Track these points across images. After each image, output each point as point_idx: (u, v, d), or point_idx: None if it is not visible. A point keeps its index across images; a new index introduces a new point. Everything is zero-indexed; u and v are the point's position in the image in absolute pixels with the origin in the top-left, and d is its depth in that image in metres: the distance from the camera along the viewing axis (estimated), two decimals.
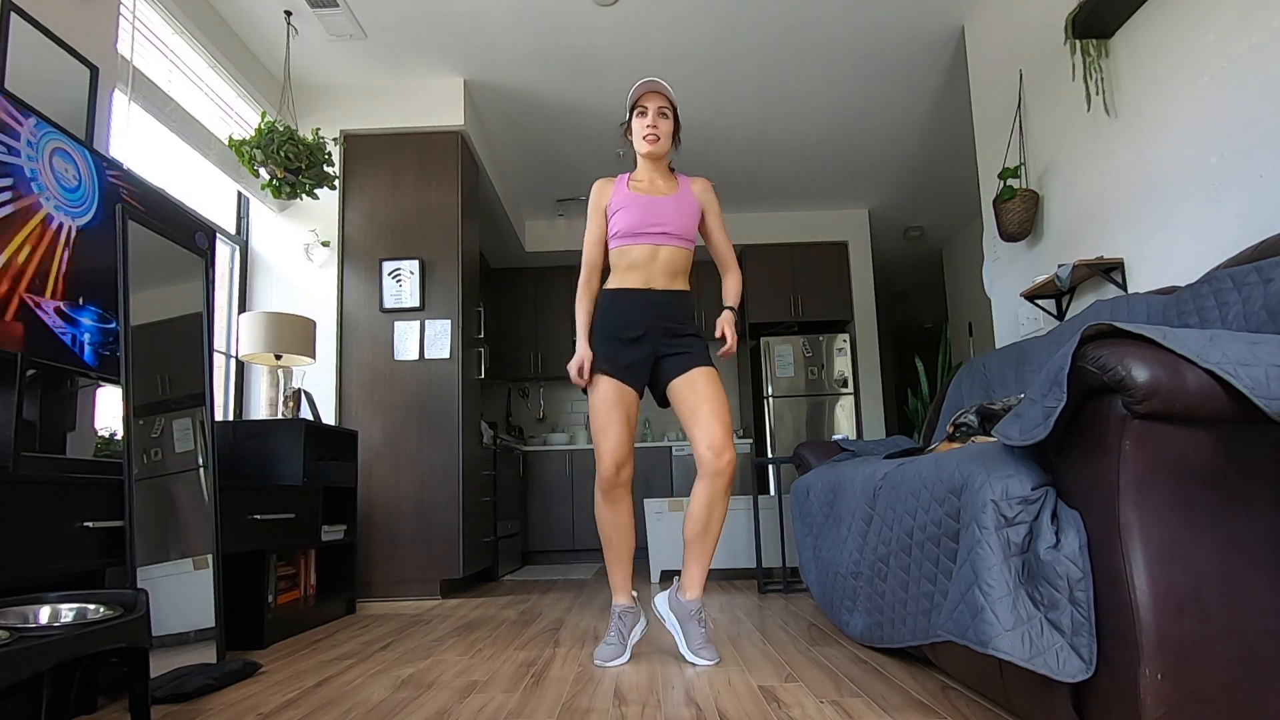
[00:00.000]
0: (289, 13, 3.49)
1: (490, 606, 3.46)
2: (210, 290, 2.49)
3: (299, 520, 2.88)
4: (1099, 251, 2.71)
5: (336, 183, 3.81)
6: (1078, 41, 2.65)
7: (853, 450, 3.15)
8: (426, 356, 3.95)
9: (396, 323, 3.99)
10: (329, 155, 3.37)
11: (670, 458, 5.88)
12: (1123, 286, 2.59)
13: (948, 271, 7.07)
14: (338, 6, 3.45)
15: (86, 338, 2.30)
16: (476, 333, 4.37)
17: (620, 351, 2.27)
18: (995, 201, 3.16)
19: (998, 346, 3.39)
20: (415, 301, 3.97)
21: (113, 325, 2.39)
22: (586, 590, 3.96)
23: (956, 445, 2.22)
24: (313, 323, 3.33)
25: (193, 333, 2.39)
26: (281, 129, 3.19)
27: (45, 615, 1.60)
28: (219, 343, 3.72)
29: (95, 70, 2.54)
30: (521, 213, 6.02)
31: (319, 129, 3.43)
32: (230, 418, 3.75)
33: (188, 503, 2.24)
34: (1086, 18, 2.56)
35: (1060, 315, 2.96)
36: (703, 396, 2.22)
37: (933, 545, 1.64)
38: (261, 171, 3.22)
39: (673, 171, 2.44)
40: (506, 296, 6.49)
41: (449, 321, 3.98)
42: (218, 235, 3.58)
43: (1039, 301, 3.00)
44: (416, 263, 3.98)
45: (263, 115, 3.30)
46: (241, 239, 3.95)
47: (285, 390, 3.27)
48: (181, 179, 3.39)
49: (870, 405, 6.01)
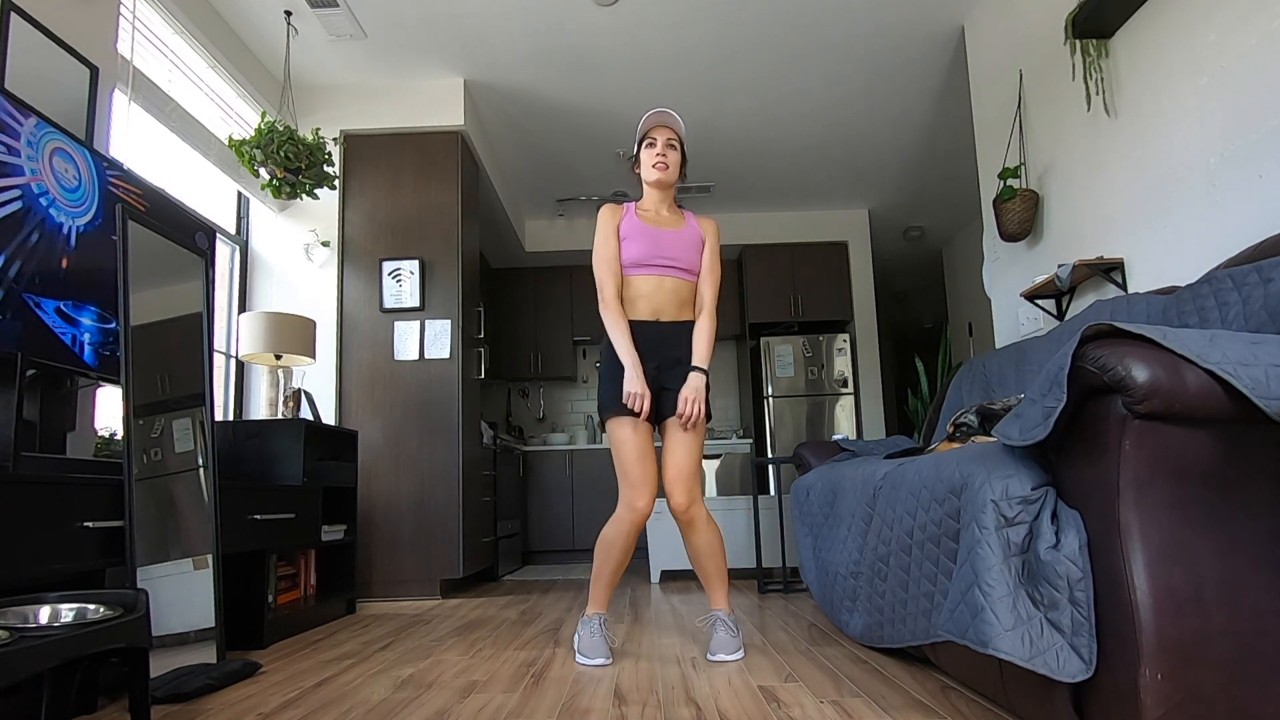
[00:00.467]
0: (289, 13, 3.49)
1: (490, 606, 3.46)
2: (210, 290, 2.49)
3: (299, 520, 2.88)
4: (1099, 251, 2.71)
5: (336, 183, 3.81)
6: (1078, 41, 2.65)
7: (853, 450, 3.15)
8: (426, 356, 3.95)
9: (396, 323, 3.99)
10: (329, 155, 3.37)
11: None
12: (1123, 286, 2.59)
13: (948, 271, 7.07)
14: (338, 6, 3.45)
15: (86, 338, 2.30)
16: (476, 333, 4.37)
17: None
18: (995, 201, 3.16)
19: (998, 346, 3.39)
20: (415, 301, 3.97)
21: (113, 325, 2.39)
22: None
23: (956, 445, 2.22)
24: (313, 323, 3.33)
25: (193, 333, 2.39)
26: (281, 129, 3.19)
27: (45, 615, 1.60)
28: (219, 343, 3.72)
29: (95, 70, 2.54)
30: (521, 213, 6.02)
31: (319, 129, 3.43)
32: (230, 418, 3.75)
33: (188, 503, 2.24)
34: (1086, 18, 2.56)
35: (1060, 315, 2.96)
36: (677, 441, 2.29)
37: (933, 545, 1.64)
38: (261, 171, 3.22)
39: (680, 207, 2.45)
40: (506, 296, 6.49)
41: (449, 321, 3.98)
42: (218, 235, 3.58)
43: (1039, 301, 3.00)
44: (416, 263, 3.99)
45: (263, 115, 3.30)
46: (241, 239, 3.95)
47: (285, 390, 3.27)
48: (181, 179, 3.39)
49: (870, 405, 6.01)
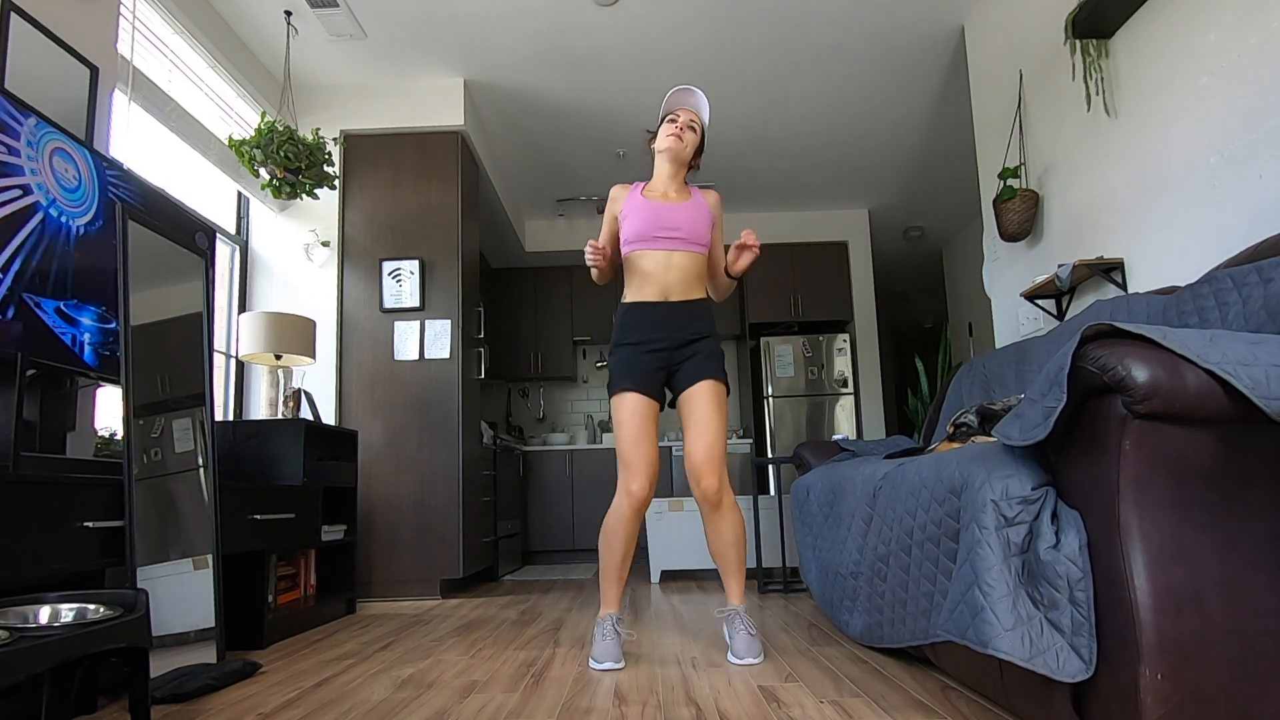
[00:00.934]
0: (289, 13, 3.49)
1: (490, 606, 3.46)
2: (210, 290, 2.49)
3: (299, 520, 2.88)
4: (1099, 251, 2.71)
5: (336, 183, 3.81)
6: (1078, 41, 2.65)
7: (853, 450, 3.15)
8: (426, 356, 3.95)
9: (396, 323, 3.99)
10: (329, 155, 3.37)
11: (670, 458, 5.88)
12: (1123, 286, 2.59)
13: (948, 271, 7.07)
14: (338, 6, 3.45)
15: (86, 338, 2.30)
16: (476, 333, 4.37)
17: (639, 362, 2.28)
18: (995, 201, 3.16)
19: (998, 346, 3.39)
20: (415, 301, 3.97)
21: (113, 325, 2.39)
22: (586, 590, 3.96)
23: (956, 445, 2.22)
24: (313, 323, 3.33)
25: (193, 333, 2.39)
26: (281, 129, 3.19)
27: (45, 615, 1.60)
28: (219, 343, 3.72)
29: (95, 70, 2.54)
30: (521, 213, 6.02)
31: (319, 129, 3.43)
32: (230, 418, 3.75)
33: (188, 503, 2.24)
34: (1086, 18, 2.56)
35: (1060, 315, 2.96)
36: (697, 416, 2.25)
37: (933, 545, 1.64)
38: (261, 171, 3.22)
39: (687, 186, 2.45)
40: (506, 296, 6.49)
41: (449, 321, 3.98)
42: (218, 235, 3.58)
43: (1039, 301, 3.00)
44: (416, 263, 3.99)
45: (263, 115, 3.30)
46: (241, 239, 3.95)
47: (285, 390, 3.27)
48: (181, 179, 3.39)
49: (870, 405, 6.01)
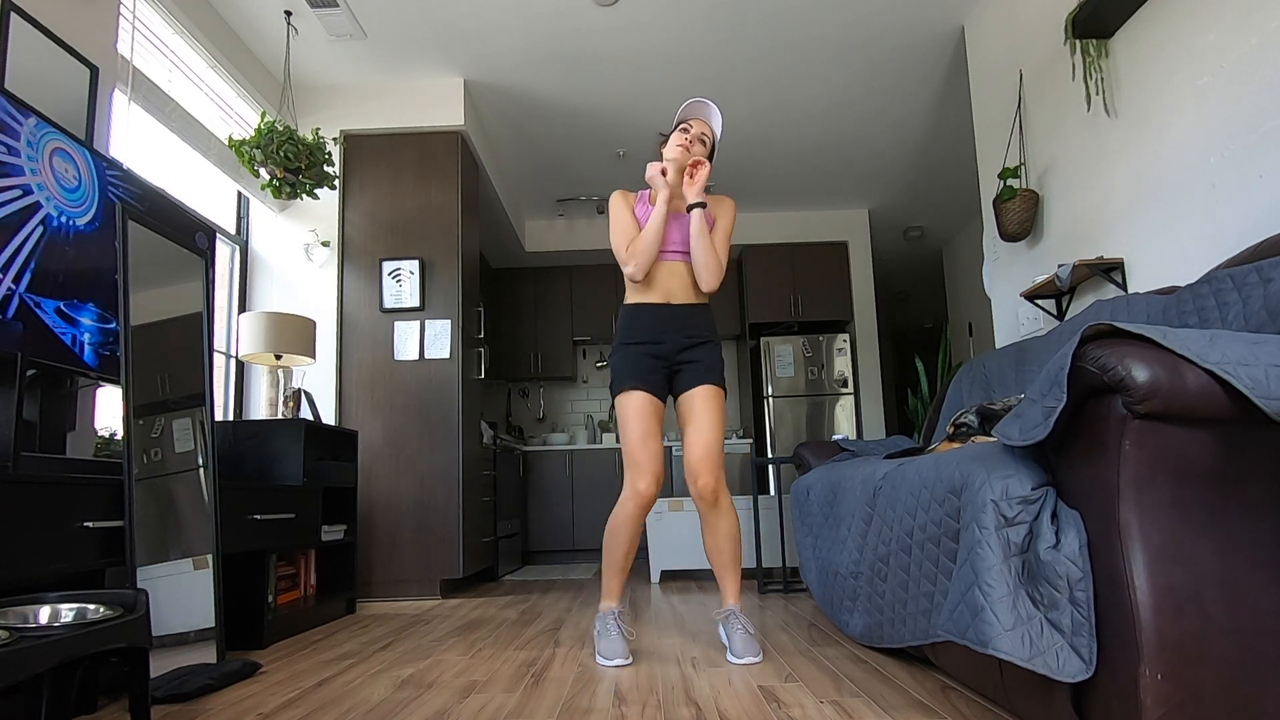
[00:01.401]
0: (289, 13, 3.49)
1: (490, 606, 3.46)
2: (210, 290, 2.49)
3: (299, 520, 2.88)
4: (1099, 251, 2.71)
5: (336, 183, 3.81)
6: (1078, 41, 2.65)
7: (853, 450, 3.15)
8: (426, 356, 3.95)
9: (396, 323, 3.99)
10: (329, 155, 3.37)
11: (670, 457, 5.88)
12: (1123, 286, 2.59)
13: (948, 271, 7.07)
14: (338, 6, 3.45)
15: (86, 338, 2.30)
16: (476, 333, 4.37)
17: (643, 362, 2.32)
18: (995, 201, 3.16)
19: (998, 346, 3.39)
20: (415, 301, 3.97)
21: (113, 325, 2.39)
22: (586, 590, 3.96)
23: (956, 445, 2.22)
24: (313, 323, 3.33)
25: (193, 333, 2.39)
26: (281, 129, 3.19)
27: (45, 615, 1.60)
28: (219, 343, 3.72)
29: (95, 70, 2.54)
30: (521, 213, 6.02)
31: (319, 129, 3.43)
32: (230, 418, 3.75)
33: (188, 503, 2.24)
34: (1086, 18, 2.56)
35: (1060, 315, 2.96)
36: (696, 418, 2.28)
37: (933, 545, 1.64)
38: (261, 171, 3.22)
39: None
40: (506, 296, 6.49)
41: (449, 321, 3.98)
42: (218, 235, 3.58)
43: (1039, 301, 3.00)
44: (416, 263, 3.99)
45: (263, 115, 3.30)
46: (241, 239, 3.95)
47: (285, 390, 3.27)
48: (181, 179, 3.38)
49: (870, 405, 6.01)
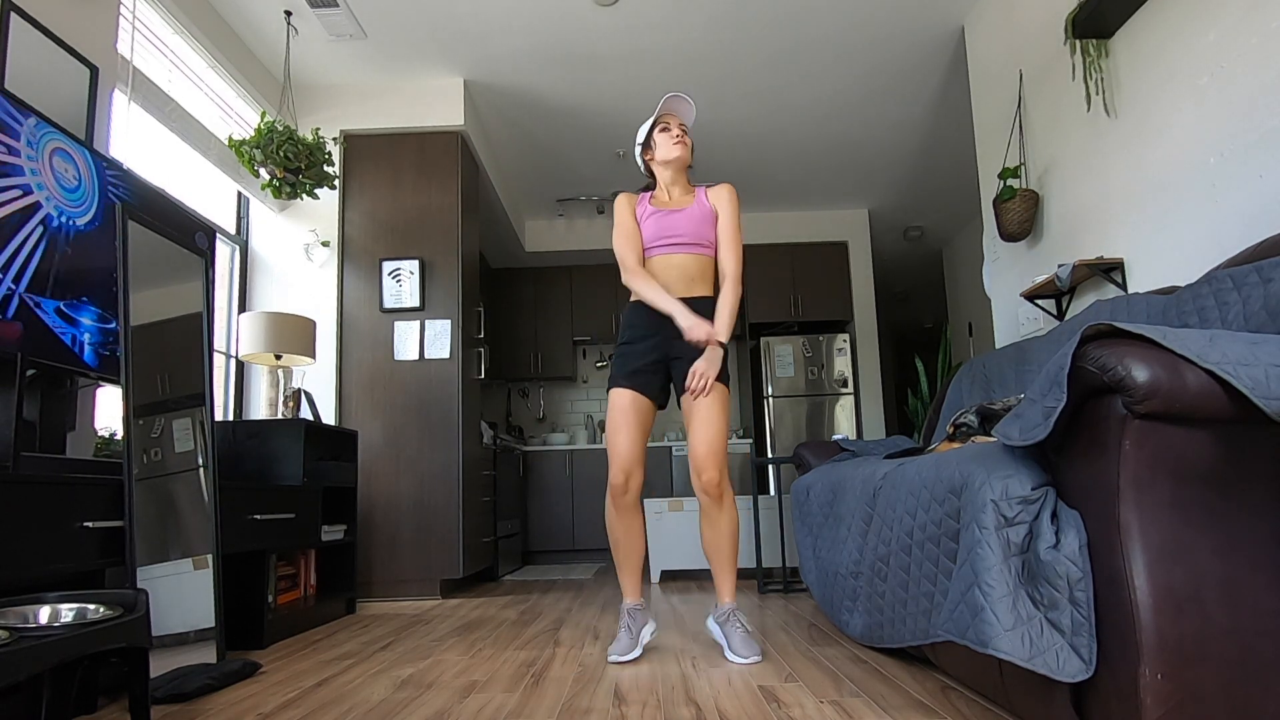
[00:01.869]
0: (289, 13, 3.49)
1: (490, 606, 3.46)
2: (210, 290, 2.49)
3: (299, 520, 2.88)
4: (1099, 251, 2.71)
5: (336, 183, 3.81)
6: (1078, 41, 2.65)
7: (853, 450, 3.15)
8: (426, 356, 3.95)
9: (396, 323, 3.99)
10: (329, 155, 3.37)
11: (670, 458, 5.88)
12: (1123, 286, 2.59)
13: (948, 271, 7.07)
14: (338, 6, 3.45)
15: (86, 338, 2.30)
16: (476, 333, 4.37)
17: (633, 358, 2.32)
18: (995, 201, 3.16)
19: (998, 346, 3.39)
20: (415, 301, 3.97)
21: (113, 325, 2.39)
22: (586, 590, 3.96)
23: (956, 445, 2.22)
24: (313, 323, 3.33)
25: (193, 333, 2.39)
26: (281, 129, 3.19)
27: (45, 615, 1.60)
28: (219, 343, 3.72)
29: (95, 70, 2.54)
30: (521, 213, 6.02)
31: (319, 129, 3.43)
32: (230, 418, 3.75)
33: (188, 503, 2.24)
34: (1086, 18, 2.56)
35: (1060, 315, 2.96)
36: (700, 413, 2.27)
37: (933, 545, 1.64)
38: (261, 171, 3.22)
39: (692, 186, 2.47)
40: (506, 296, 6.49)
41: (449, 321, 3.98)
42: (218, 235, 3.58)
43: (1039, 301, 3.00)
44: (416, 263, 3.98)
45: (262, 115, 3.30)
46: (241, 239, 3.95)
47: (285, 390, 3.27)
48: (181, 179, 3.38)
49: (870, 405, 6.01)
